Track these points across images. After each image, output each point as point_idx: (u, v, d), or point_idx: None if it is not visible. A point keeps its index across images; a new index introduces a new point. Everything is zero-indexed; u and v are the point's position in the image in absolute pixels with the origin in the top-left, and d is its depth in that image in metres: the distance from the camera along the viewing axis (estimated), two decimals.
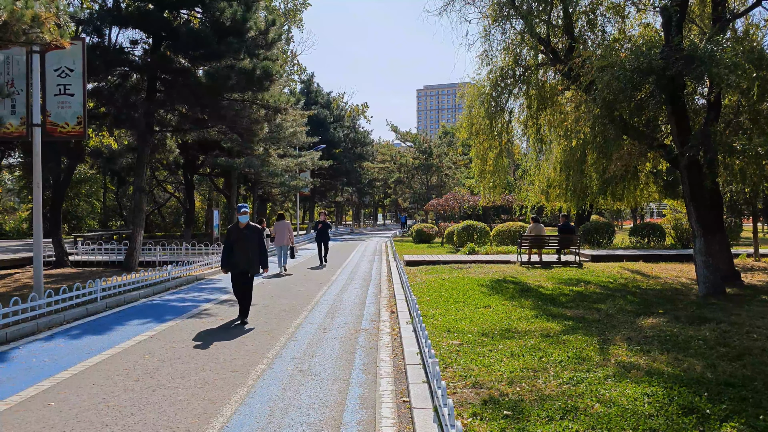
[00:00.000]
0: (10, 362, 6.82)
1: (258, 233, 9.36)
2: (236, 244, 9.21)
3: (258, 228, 9.43)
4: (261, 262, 9.39)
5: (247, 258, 9.19)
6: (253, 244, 9.24)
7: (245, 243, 9.20)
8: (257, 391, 5.63)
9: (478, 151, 16.17)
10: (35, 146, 10.46)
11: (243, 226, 9.35)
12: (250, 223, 9.42)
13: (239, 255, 9.18)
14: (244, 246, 9.19)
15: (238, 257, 9.19)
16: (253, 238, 9.28)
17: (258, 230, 9.40)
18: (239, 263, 9.19)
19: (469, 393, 5.14)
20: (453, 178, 56.51)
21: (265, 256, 9.42)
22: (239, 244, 9.20)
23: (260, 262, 9.38)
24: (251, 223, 9.45)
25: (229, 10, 15.64)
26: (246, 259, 9.18)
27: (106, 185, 37.27)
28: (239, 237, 9.25)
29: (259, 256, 9.32)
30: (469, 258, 18.64)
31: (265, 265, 9.46)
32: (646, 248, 21.49)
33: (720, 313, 8.64)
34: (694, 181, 10.87)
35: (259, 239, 9.33)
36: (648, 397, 4.94)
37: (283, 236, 17.17)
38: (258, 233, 9.36)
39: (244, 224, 9.36)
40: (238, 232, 9.32)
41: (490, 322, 8.22)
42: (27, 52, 10.39)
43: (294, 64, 48.47)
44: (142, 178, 17.36)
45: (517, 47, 14.10)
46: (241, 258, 9.18)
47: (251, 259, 9.21)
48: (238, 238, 9.25)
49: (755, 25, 13.10)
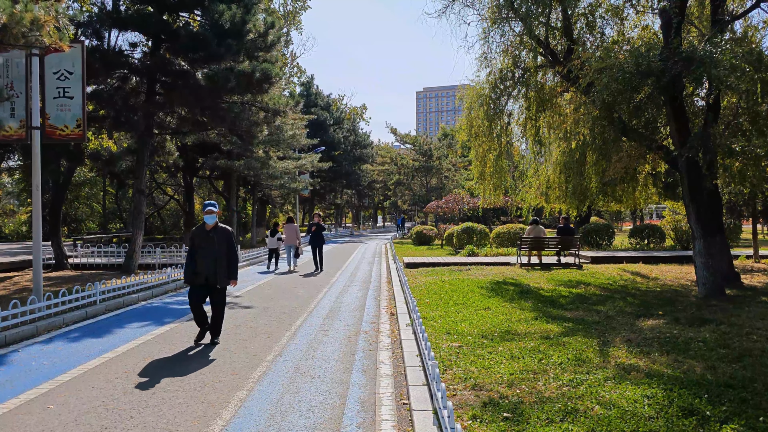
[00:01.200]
0: (10, 365, 6.81)
1: (227, 237, 7.92)
2: (201, 250, 7.80)
3: (228, 231, 7.99)
4: (229, 272, 7.89)
5: (214, 267, 7.75)
6: (221, 250, 7.79)
7: (212, 249, 7.76)
8: (257, 393, 5.62)
9: (478, 153, 16.17)
10: (34, 149, 10.46)
11: (210, 228, 7.89)
12: (219, 225, 7.96)
13: (204, 263, 7.75)
14: (210, 252, 7.76)
15: (202, 266, 7.75)
16: (222, 242, 7.83)
17: (227, 233, 7.96)
18: (203, 273, 7.75)
19: (468, 395, 5.14)
20: (452, 180, 56.52)
21: (234, 265, 7.94)
22: (204, 250, 7.78)
23: (228, 272, 7.87)
24: (220, 224, 8.01)
25: (229, 13, 15.65)
26: (212, 268, 7.75)
27: (106, 188, 37.25)
28: (205, 241, 7.83)
29: (227, 264, 7.85)
30: (468, 260, 18.64)
31: (233, 276, 7.93)
32: (646, 250, 21.50)
33: (720, 315, 8.64)
34: (693, 183, 10.87)
35: (228, 244, 7.88)
36: (648, 398, 4.93)
37: (292, 237, 18.48)
38: (227, 237, 7.92)
39: (211, 226, 7.89)
40: (203, 235, 7.88)
41: (489, 324, 8.21)
42: (26, 55, 10.40)
43: (293, 66, 48.57)
44: (141, 180, 17.36)
45: (516, 49, 14.12)
46: (206, 267, 7.74)
47: (219, 269, 7.77)
48: (204, 242, 7.83)
49: (754, 27, 13.11)
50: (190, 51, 16.17)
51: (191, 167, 28.78)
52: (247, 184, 32.10)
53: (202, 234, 7.89)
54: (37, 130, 10.49)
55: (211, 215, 7.86)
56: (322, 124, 49.18)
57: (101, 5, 17.16)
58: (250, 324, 9.22)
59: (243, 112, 18.60)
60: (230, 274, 7.90)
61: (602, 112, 10.87)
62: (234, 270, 7.94)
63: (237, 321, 9.49)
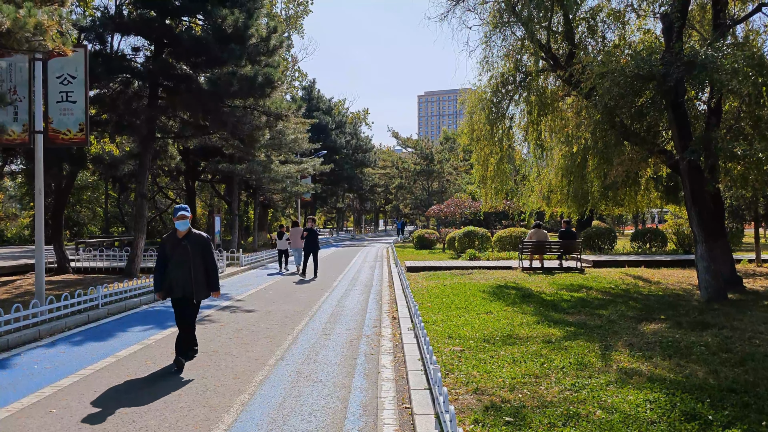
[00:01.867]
0: (12, 369, 6.82)
1: (203, 244, 6.99)
2: (173, 261, 6.92)
3: (203, 237, 7.05)
4: (209, 283, 7.02)
5: (188, 278, 6.87)
6: (196, 260, 6.92)
7: (185, 258, 6.89)
8: (259, 397, 5.62)
9: (480, 157, 16.19)
10: (37, 153, 10.49)
11: (182, 235, 6.96)
12: (192, 232, 7.03)
13: (177, 273, 6.87)
14: (183, 262, 6.88)
15: (175, 276, 6.88)
16: (197, 250, 6.93)
17: (203, 240, 7.02)
18: (177, 285, 6.89)
19: (470, 399, 5.13)
20: (454, 184, 56.48)
21: (215, 274, 7.04)
22: (177, 260, 6.91)
23: (208, 283, 7.01)
24: (194, 230, 7.09)
25: (231, 17, 15.69)
26: (186, 279, 6.87)
27: (108, 192, 37.30)
28: (177, 250, 6.93)
29: (204, 274, 6.98)
30: (470, 264, 18.62)
31: (214, 287, 7.06)
32: (648, 254, 21.47)
33: (722, 319, 8.63)
34: (695, 187, 10.87)
35: (204, 252, 6.97)
36: (650, 403, 4.93)
37: (297, 240, 18.87)
38: (203, 244, 6.99)
39: (183, 232, 6.96)
40: (174, 243, 6.97)
41: (491, 328, 8.21)
42: (29, 60, 10.44)
43: (295, 70, 48.61)
44: (143, 184, 17.39)
45: (518, 53, 14.15)
46: (180, 278, 6.87)
47: (194, 280, 6.89)
48: (176, 251, 6.93)
49: (755, 31, 13.15)
50: (192, 55, 16.22)
51: (193, 171, 28.82)
52: (249, 188, 32.13)
53: (174, 242, 6.98)
54: (40, 135, 10.53)
55: (182, 221, 6.94)
56: (324, 128, 49.22)
57: (104, 10, 17.24)
58: (252, 327, 9.22)
59: (245, 116, 18.62)
60: (211, 286, 7.06)
61: (604, 116, 10.88)
62: (215, 280, 7.07)
63: (239, 324, 9.49)
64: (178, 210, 6.99)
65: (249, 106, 18.80)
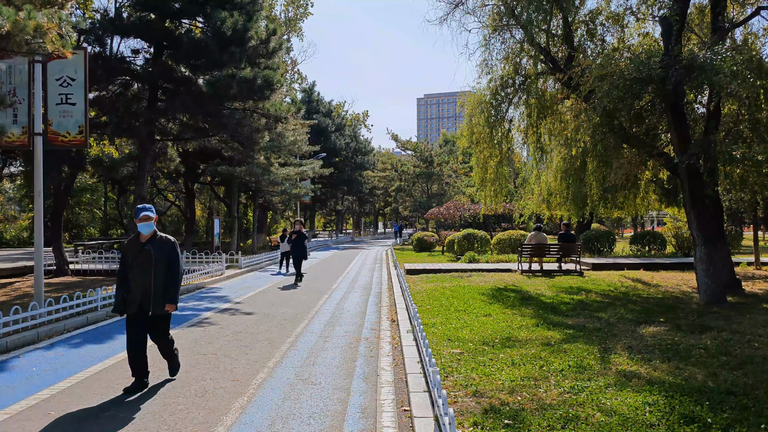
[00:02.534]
0: (11, 371, 6.81)
1: (169, 249, 6.11)
2: (134, 268, 6.04)
3: (170, 242, 6.17)
4: (166, 294, 6.02)
5: (147, 288, 5.96)
6: (159, 267, 6.00)
7: (147, 265, 5.98)
8: (258, 400, 5.62)
9: (479, 160, 16.20)
10: (37, 155, 10.49)
11: (145, 239, 6.11)
12: (158, 235, 6.17)
13: (137, 284, 5.99)
14: (145, 270, 5.98)
15: (135, 288, 5.99)
16: (161, 257, 6.03)
17: (169, 245, 6.14)
18: (137, 298, 5.98)
19: (469, 402, 5.13)
20: (453, 187, 56.53)
21: (175, 284, 6.09)
22: (138, 267, 6.02)
23: (165, 295, 6.01)
24: (161, 234, 6.21)
25: (231, 20, 15.72)
26: (145, 289, 5.97)
27: (107, 194, 37.29)
28: (139, 256, 6.05)
29: (164, 285, 6.02)
30: (469, 266, 18.62)
31: (171, 298, 6.04)
32: (647, 256, 21.47)
33: (721, 322, 8.63)
34: (694, 190, 10.88)
35: (170, 258, 6.08)
36: (649, 406, 4.92)
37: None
38: (169, 249, 6.11)
39: (147, 236, 6.11)
40: (137, 248, 6.09)
41: (490, 331, 8.20)
42: (29, 62, 10.45)
43: (294, 72, 48.67)
44: (143, 186, 17.40)
45: (517, 56, 14.16)
46: (141, 289, 5.98)
47: (154, 291, 5.97)
48: (138, 257, 6.05)
49: (754, 34, 13.18)
50: (192, 58, 16.25)
51: (192, 173, 28.82)
52: (249, 190, 32.16)
53: (136, 247, 6.10)
54: (39, 137, 10.53)
55: (145, 223, 6.08)
56: (324, 131, 49.27)
57: (104, 12, 17.27)
58: (252, 330, 9.22)
59: (244, 119, 18.66)
60: (167, 297, 6.03)
61: (603, 119, 10.89)
62: (173, 291, 6.07)
63: (238, 327, 9.48)
64: (141, 210, 6.11)
65: (248, 109, 18.83)
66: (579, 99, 12.41)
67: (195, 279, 15.54)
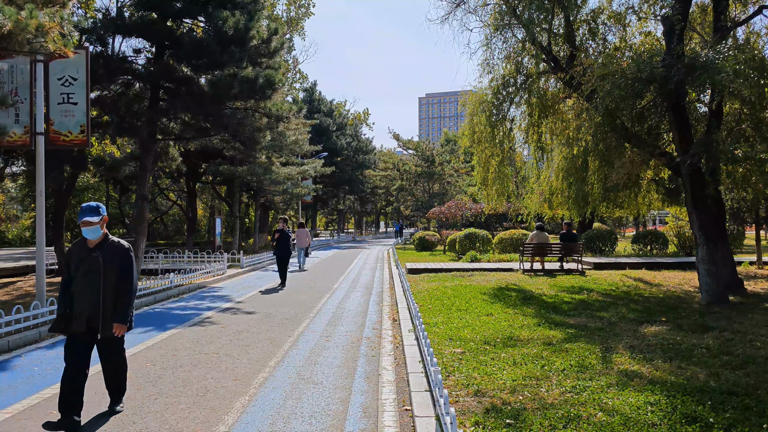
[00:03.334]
0: (12, 371, 6.82)
1: (122, 257, 5.07)
2: (79, 279, 4.99)
3: (123, 248, 5.11)
4: (116, 311, 4.99)
5: (96, 303, 4.93)
6: (109, 278, 4.98)
7: (95, 275, 4.94)
8: (259, 399, 5.62)
9: (481, 159, 16.19)
10: (38, 155, 10.49)
11: (93, 244, 5.04)
12: (110, 240, 5.11)
13: (83, 296, 4.94)
14: (92, 281, 4.94)
15: (80, 300, 4.95)
16: (112, 266, 5.00)
17: (123, 252, 5.10)
18: (80, 314, 4.93)
19: (471, 401, 5.13)
20: (455, 186, 56.50)
21: (127, 299, 5.04)
22: (84, 277, 4.96)
23: (114, 311, 4.99)
24: (113, 238, 5.16)
25: (232, 20, 15.70)
26: (93, 305, 4.93)
27: (109, 193, 37.33)
28: (85, 264, 4.99)
29: (114, 299, 5.00)
30: (471, 266, 18.61)
31: (121, 317, 4.99)
32: (649, 256, 21.45)
33: (723, 322, 8.61)
34: (696, 189, 10.86)
35: (122, 268, 5.05)
36: (651, 405, 4.92)
37: (303, 240, 20.69)
38: (122, 257, 5.07)
39: (95, 242, 5.03)
40: (83, 255, 5.03)
41: (492, 330, 8.20)
42: (31, 62, 10.45)
43: (296, 72, 48.66)
44: (144, 186, 17.40)
45: (519, 55, 14.14)
46: (87, 304, 4.93)
47: (104, 307, 4.95)
48: (84, 266, 4.99)
49: (756, 33, 13.14)
50: (193, 57, 16.24)
51: (194, 173, 28.85)
52: (250, 189, 32.16)
53: (83, 253, 5.03)
54: (41, 136, 10.54)
55: (88, 228, 4.93)
56: (325, 130, 49.27)
57: (105, 11, 17.26)
58: (253, 329, 9.22)
59: (246, 118, 18.64)
60: (117, 315, 4.99)
61: (605, 119, 10.87)
62: (125, 308, 5.03)
63: (240, 326, 9.49)
64: (83, 213, 4.90)
65: (250, 108, 18.81)
66: (581, 98, 12.39)
67: (197, 278, 15.56)
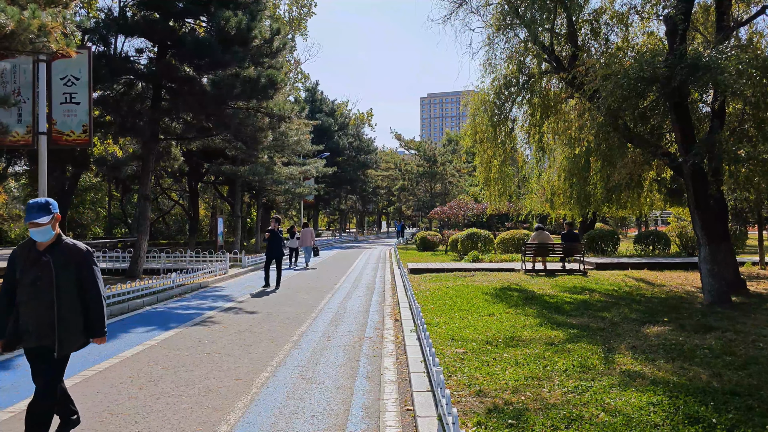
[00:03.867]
0: (14, 370, 6.83)
1: (81, 261, 4.26)
2: (24, 287, 4.15)
3: (81, 251, 4.29)
4: (87, 323, 4.30)
5: (48, 315, 4.11)
6: (63, 286, 4.16)
7: (45, 283, 4.11)
8: (261, 399, 5.62)
9: (483, 159, 16.18)
10: (41, 154, 10.52)
11: (43, 247, 4.19)
12: (63, 241, 4.27)
13: (30, 308, 4.13)
14: (42, 289, 4.11)
15: (26, 313, 4.14)
16: (66, 272, 4.18)
17: (81, 255, 4.28)
18: (30, 327, 4.14)
19: (473, 401, 5.12)
20: (457, 186, 56.52)
21: (99, 309, 4.32)
22: (31, 285, 4.13)
23: (87, 323, 4.29)
24: (68, 240, 4.31)
25: (234, 19, 15.73)
26: (44, 317, 4.12)
27: (111, 193, 37.40)
28: (33, 270, 4.14)
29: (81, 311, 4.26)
30: (473, 266, 18.60)
31: (98, 330, 4.33)
32: (651, 256, 21.41)
33: (725, 322, 8.60)
34: (698, 190, 10.84)
35: (80, 273, 4.25)
36: (653, 406, 4.91)
37: (307, 239, 22.25)
38: (81, 261, 4.26)
39: (45, 244, 4.19)
40: (30, 259, 4.18)
41: (494, 331, 8.19)
42: (33, 61, 10.48)
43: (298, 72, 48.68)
44: (146, 186, 17.43)
45: (521, 55, 14.13)
46: (34, 315, 4.13)
47: (59, 319, 4.12)
48: (32, 272, 4.15)
49: (759, 33, 13.13)
50: (195, 57, 16.27)
51: (196, 173, 28.90)
52: (252, 189, 32.21)
53: (30, 257, 4.19)
54: (43, 136, 10.56)
55: (37, 230, 4.10)
56: (327, 130, 49.33)
57: (108, 11, 17.28)
58: (255, 329, 9.22)
59: (248, 118, 18.67)
60: (93, 328, 4.33)
61: (607, 119, 10.86)
62: (100, 318, 4.33)
63: (241, 326, 9.49)
64: (32, 212, 4.08)
65: (252, 108, 18.84)
66: (583, 98, 12.38)
67: (199, 278, 15.57)
